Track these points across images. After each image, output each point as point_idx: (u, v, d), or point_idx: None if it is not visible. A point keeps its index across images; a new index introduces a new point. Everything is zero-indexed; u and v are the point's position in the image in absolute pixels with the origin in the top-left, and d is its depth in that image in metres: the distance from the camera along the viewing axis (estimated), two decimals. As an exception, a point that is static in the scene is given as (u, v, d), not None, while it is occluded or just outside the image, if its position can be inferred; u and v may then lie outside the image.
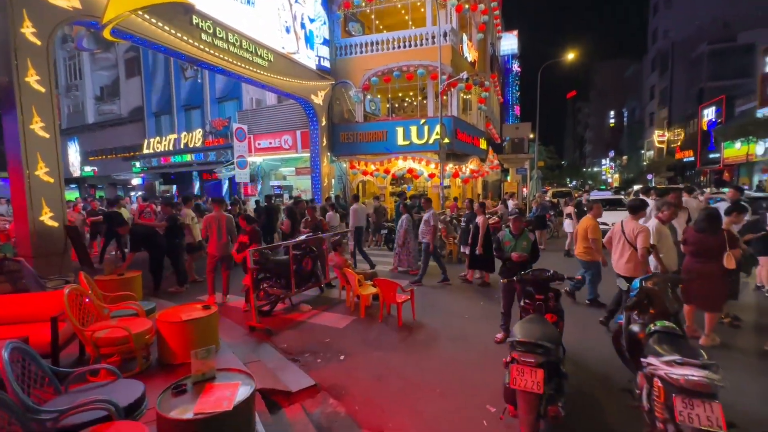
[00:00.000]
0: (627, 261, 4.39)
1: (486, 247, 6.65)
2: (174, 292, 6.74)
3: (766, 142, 20.62)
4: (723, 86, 28.16)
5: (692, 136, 30.78)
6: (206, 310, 3.84)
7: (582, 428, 2.88)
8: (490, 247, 6.59)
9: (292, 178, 18.00)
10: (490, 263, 6.82)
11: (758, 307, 5.43)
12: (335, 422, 3.08)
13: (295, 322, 5.36)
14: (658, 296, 2.96)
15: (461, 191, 17.51)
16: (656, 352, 2.44)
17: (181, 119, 21.34)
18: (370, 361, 4.10)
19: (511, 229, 4.27)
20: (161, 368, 3.58)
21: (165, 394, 2.37)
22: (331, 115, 14.97)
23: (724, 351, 4.05)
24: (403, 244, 7.89)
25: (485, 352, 4.24)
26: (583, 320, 4.98)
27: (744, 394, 3.22)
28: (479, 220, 6.86)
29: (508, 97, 33.41)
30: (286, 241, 6.73)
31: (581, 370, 3.77)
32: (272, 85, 11.64)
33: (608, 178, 55.44)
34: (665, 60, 36.86)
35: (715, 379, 2.10)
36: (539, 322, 2.94)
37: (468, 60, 16.44)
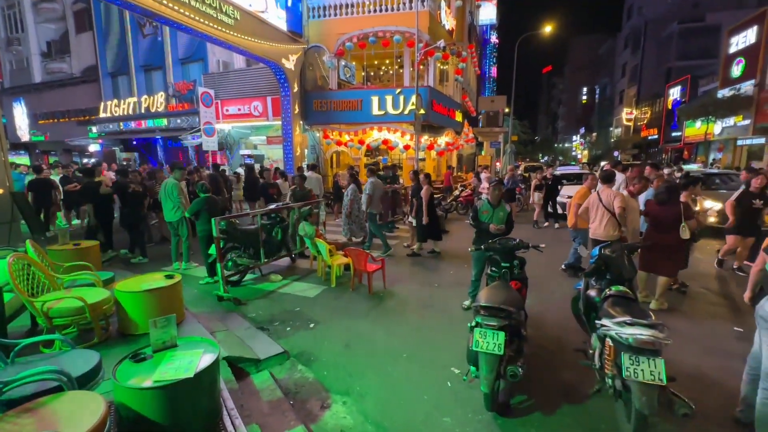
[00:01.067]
0: (605, 226, 4.68)
1: (431, 217, 6.84)
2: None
3: (724, 122, 21.70)
4: (689, 66, 29.07)
5: (658, 114, 31.93)
6: (169, 279, 3.71)
7: (537, 386, 3.06)
8: (435, 217, 6.98)
9: (264, 147, 17.37)
10: (437, 232, 7.11)
11: (709, 276, 5.85)
12: (303, 387, 3.11)
13: (265, 291, 5.31)
14: (614, 263, 3.10)
15: (436, 164, 17.54)
16: (609, 314, 2.58)
17: (141, 81, 19.84)
18: (339, 329, 4.14)
19: (489, 198, 4.31)
20: (122, 339, 3.47)
21: (122, 363, 2.29)
22: (303, 81, 14.35)
23: (670, 314, 4.37)
24: (350, 214, 7.87)
25: (453, 318, 4.37)
26: (549, 287, 5.20)
27: (684, 352, 3.50)
28: (423, 192, 6.88)
29: (485, 69, 33.12)
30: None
31: (541, 333, 3.97)
32: (239, 46, 10.92)
33: (578, 154, 57.08)
34: (638, 38, 37.38)
35: (660, 338, 2.24)
36: (503, 288, 3.02)
37: (446, 28, 16.02)
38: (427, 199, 6.79)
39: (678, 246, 4.40)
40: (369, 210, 7.12)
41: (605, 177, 4.83)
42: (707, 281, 5.55)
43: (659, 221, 4.44)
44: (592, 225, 4.92)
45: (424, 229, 6.94)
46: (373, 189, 7.05)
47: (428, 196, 6.82)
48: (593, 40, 59.34)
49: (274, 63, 12.69)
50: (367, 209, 7.12)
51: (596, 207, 4.81)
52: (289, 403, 2.88)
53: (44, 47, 24.26)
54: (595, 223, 4.86)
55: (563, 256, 6.22)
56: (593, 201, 4.87)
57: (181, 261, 6.26)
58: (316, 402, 2.92)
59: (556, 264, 6.12)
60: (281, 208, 6.36)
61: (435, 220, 7.08)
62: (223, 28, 9.98)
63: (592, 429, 2.61)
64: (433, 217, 6.96)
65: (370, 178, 7.23)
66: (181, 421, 2.17)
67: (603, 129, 47.92)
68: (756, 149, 21.04)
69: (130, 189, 6.63)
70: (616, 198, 4.56)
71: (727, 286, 5.43)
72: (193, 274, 5.93)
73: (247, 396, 2.95)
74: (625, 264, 3.10)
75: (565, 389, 3.04)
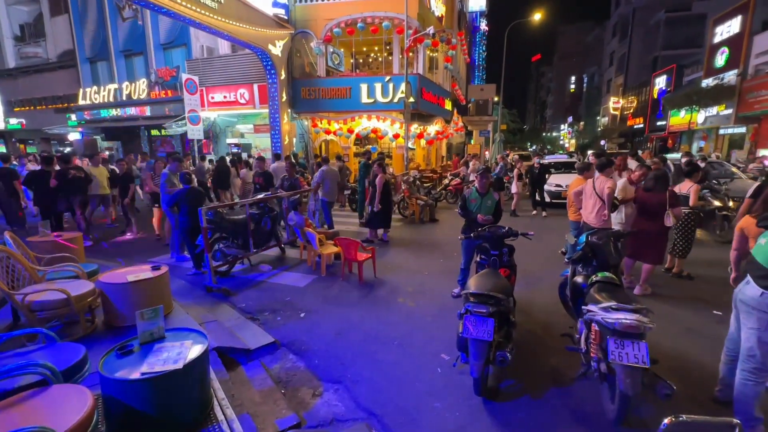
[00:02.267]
0: (597, 214, 4.74)
1: (383, 204, 6.92)
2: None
3: (707, 111, 22.08)
4: (676, 55, 29.33)
5: (644, 103, 32.29)
6: (155, 270, 3.65)
7: (525, 370, 3.12)
8: (387, 204, 7.04)
9: (251, 135, 17.08)
10: (387, 220, 7.19)
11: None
12: (294, 376, 3.12)
13: (255, 282, 5.27)
14: (600, 250, 3.16)
15: (426, 153, 17.50)
16: (595, 300, 2.63)
17: (122, 67, 19.18)
18: (330, 318, 4.14)
19: (477, 187, 4.31)
20: (108, 331, 3.41)
21: (109, 355, 2.26)
22: (290, 68, 14.07)
23: (655, 299, 4.49)
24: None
25: (443, 306, 4.42)
26: (537, 274, 5.29)
27: (666, 335, 3.61)
28: (378, 180, 6.93)
29: (474, 57, 32.90)
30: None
31: (530, 318, 4.04)
32: (224, 30, 10.61)
33: (566, 143, 57.63)
34: (625, 26, 37.49)
35: (644, 322, 2.30)
36: (492, 276, 3.06)
37: (435, 14, 15.82)
38: (380, 187, 6.88)
39: (662, 233, 4.49)
40: (322, 197, 7.34)
41: (600, 166, 4.85)
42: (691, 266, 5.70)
43: (645, 208, 4.53)
44: (584, 213, 5.02)
45: (375, 216, 7.04)
46: (322, 177, 7.23)
47: (382, 184, 6.90)
48: (582, 29, 59.46)
49: (261, 49, 12.39)
50: (316, 196, 7.40)
51: (590, 195, 4.89)
52: (281, 392, 2.89)
53: (17, 30, 23.19)
54: (587, 211, 4.96)
55: (552, 243, 6.31)
56: (588, 189, 4.94)
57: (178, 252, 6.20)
58: (307, 390, 2.94)
59: (545, 251, 6.21)
60: (270, 197, 6.28)
61: (387, 209, 7.15)
62: (206, 11, 9.67)
63: (578, 411, 2.68)
64: (385, 205, 7.03)
65: (323, 167, 7.42)
66: (172, 412, 2.15)
67: (590, 118, 48.35)
68: (737, 138, 21.51)
69: (70, 175, 6.72)
70: (607, 187, 4.61)
71: (716, 271, 5.58)
72: (183, 265, 5.85)
73: (238, 386, 2.94)
74: (611, 251, 3.15)
75: (552, 373, 3.11)
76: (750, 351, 2.31)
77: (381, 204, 6.90)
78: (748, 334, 2.31)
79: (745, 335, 2.35)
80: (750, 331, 2.30)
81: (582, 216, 5.08)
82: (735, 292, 2.46)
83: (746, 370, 2.33)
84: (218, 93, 15.07)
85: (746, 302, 2.32)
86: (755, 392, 2.32)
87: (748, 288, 2.32)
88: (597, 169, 4.89)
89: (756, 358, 2.28)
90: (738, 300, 2.40)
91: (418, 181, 10.35)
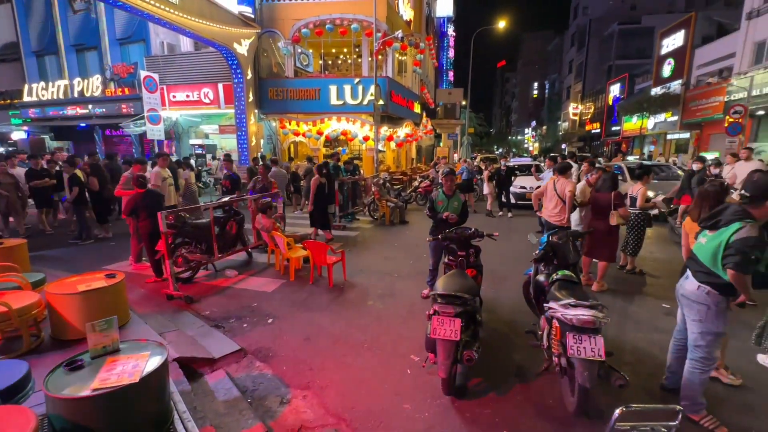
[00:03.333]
0: (558, 212, 5.05)
1: (316, 205, 7.04)
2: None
3: (656, 117, 23.70)
4: (628, 65, 31.31)
5: (600, 109, 34.20)
6: (110, 279, 3.44)
7: (491, 367, 3.20)
8: (320, 206, 7.12)
9: (216, 136, 16.51)
10: (324, 220, 7.27)
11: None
12: (261, 384, 3.04)
13: (220, 288, 5.09)
14: (561, 249, 3.30)
15: (396, 155, 17.64)
16: (556, 297, 2.75)
17: (72, 62, 17.96)
18: (299, 323, 4.07)
19: (444, 189, 4.39)
20: (56, 346, 3.17)
21: (55, 372, 2.10)
22: (257, 67, 13.76)
23: (611, 295, 4.75)
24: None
25: (412, 307, 4.46)
26: (503, 274, 5.45)
27: (620, 329, 3.83)
28: (312, 181, 7.14)
29: (442, 61, 33.56)
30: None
31: (496, 317, 4.15)
32: (185, 27, 10.22)
33: (530, 146, 59.96)
34: (583, 36, 39.61)
35: (600, 317, 2.43)
36: (459, 276, 3.12)
37: (404, 18, 16.01)
38: (314, 188, 7.02)
39: (612, 232, 4.76)
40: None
41: (561, 169, 5.17)
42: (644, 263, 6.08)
43: (597, 208, 4.81)
44: (545, 211, 5.30)
45: (311, 216, 7.16)
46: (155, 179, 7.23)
47: (315, 185, 7.03)
48: (543, 37, 62.16)
49: (225, 47, 12.04)
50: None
51: (551, 195, 5.17)
52: (247, 402, 2.80)
53: (-49, 19, 21.18)
54: (547, 210, 5.23)
55: (517, 244, 6.52)
56: (549, 189, 5.20)
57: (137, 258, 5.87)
58: (275, 398, 2.87)
59: (510, 252, 6.42)
60: (236, 200, 6.09)
61: (322, 210, 7.24)
62: (165, 6, 9.27)
63: (541, 404, 2.79)
64: (319, 206, 7.12)
65: (272, 169, 7.52)
66: (127, 429, 2.03)
67: (552, 122, 50.60)
68: (682, 143, 23.23)
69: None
70: (567, 189, 4.88)
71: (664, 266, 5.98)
72: (142, 272, 5.55)
73: (201, 397, 2.82)
74: (570, 250, 3.31)
75: (517, 369, 3.21)
76: (695, 341, 2.48)
77: (315, 204, 7.01)
78: (693, 326, 2.49)
79: (690, 327, 2.53)
80: (694, 323, 2.48)
81: (543, 214, 5.34)
82: (677, 287, 2.64)
83: (694, 359, 2.50)
84: (180, 92, 14.48)
85: (687, 296, 2.50)
86: (701, 380, 2.50)
87: (688, 283, 2.50)
88: (558, 172, 5.14)
89: (702, 348, 2.46)
90: (680, 294, 2.58)
91: (388, 184, 10.41)
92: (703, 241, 2.46)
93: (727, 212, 2.34)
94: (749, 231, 2.20)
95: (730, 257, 2.22)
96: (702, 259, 2.41)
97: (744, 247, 2.18)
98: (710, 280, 2.36)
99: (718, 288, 2.34)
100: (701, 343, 2.45)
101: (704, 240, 2.46)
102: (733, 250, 2.21)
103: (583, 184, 5.30)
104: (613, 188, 4.69)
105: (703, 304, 2.39)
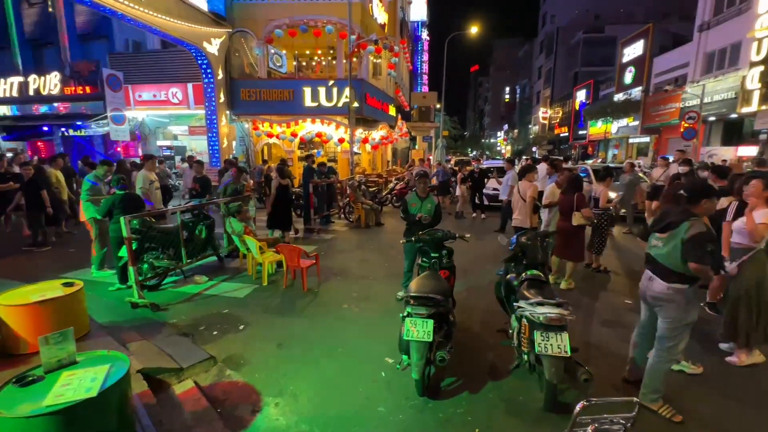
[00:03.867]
0: (518, 214, 5.25)
1: (275, 207, 7.06)
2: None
3: (619, 122, 24.91)
4: (593, 72, 32.79)
5: (568, 114, 35.62)
6: (67, 287, 3.25)
7: (464, 367, 3.25)
8: (280, 207, 7.10)
9: (185, 138, 16.00)
10: (286, 223, 7.28)
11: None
12: (232, 393, 2.95)
13: (189, 294, 4.91)
14: (529, 249, 3.40)
15: (371, 157, 17.67)
16: (525, 296, 2.83)
17: (27, 58, 16.91)
18: (272, 329, 3.99)
19: (417, 191, 4.43)
20: (6, 361, 2.96)
21: (4, 389, 1.96)
22: (229, 68, 13.44)
23: (578, 292, 4.93)
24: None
25: (387, 310, 4.45)
26: (476, 274, 5.55)
27: (586, 325, 3.98)
28: (273, 183, 7.24)
29: (416, 65, 33.97)
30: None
31: (468, 317, 4.22)
32: (152, 24, 9.85)
33: (503, 149, 61.59)
34: (551, 44, 41.19)
35: (565, 315, 2.51)
36: (432, 278, 3.16)
37: (378, 22, 16.09)
38: (273, 190, 7.09)
39: (577, 232, 4.94)
40: None
41: (521, 171, 5.37)
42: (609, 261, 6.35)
43: (562, 210, 4.99)
44: (514, 213, 5.46)
45: (271, 218, 7.16)
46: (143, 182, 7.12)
47: (275, 187, 7.10)
48: (514, 43, 64.06)
49: (195, 46, 11.70)
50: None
51: (517, 199, 5.35)
52: (216, 412, 2.71)
53: None
54: (515, 212, 5.41)
55: (489, 245, 6.66)
56: (515, 193, 5.35)
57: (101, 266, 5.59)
58: (246, 407, 2.79)
59: (482, 253, 6.55)
60: (205, 204, 5.92)
61: (281, 211, 7.20)
62: (130, 2, 8.90)
63: (512, 401, 2.85)
64: (278, 207, 7.10)
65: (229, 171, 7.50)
66: (85, 447, 1.92)
67: (523, 126, 52.22)
68: (643, 146, 24.51)
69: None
70: (528, 191, 5.09)
71: (627, 264, 6.26)
72: (105, 280, 5.28)
73: (167, 410, 2.71)
74: (538, 250, 3.41)
75: (489, 368, 3.28)
76: (665, 333, 2.58)
77: (274, 206, 7.00)
78: (664, 323, 2.58)
79: (661, 323, 2.61)
80: (666, 320, 2.57)
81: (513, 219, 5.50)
82: (642, 289, 2.73)
83: (662, 350, 2.61)
84: (147, 91, 13.94)
85: (657, 297, 2.57)
86: (665, 369, 2.63)
87: (655, 284, 2.58)
88: (519, 175, 5.34)
89: (671, 339, 2.56)
90: (648, 296, 2.66)
91: (364, 186, 10.40)
92: (660, 245, 2.58)
93: (673, 215, 2.50)
94: (697, 227, 2.36)
95: (690, 253, 2.37)
96: (664, 262, 2.52)
97: (699, 241, 2.34)
98: (678, 278, 2.47)
99: (687, 281, 2.46)
100: (671, 335, 2.55)
101: (660, 243, 2.58)
102: (690, 246, 2.36)
103: (552, 185, 5.49)
104: (576, 190, 4.87)
105: (674, 301, 2.50)
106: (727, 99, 16.17)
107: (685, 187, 2.63)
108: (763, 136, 15.28)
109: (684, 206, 2.51)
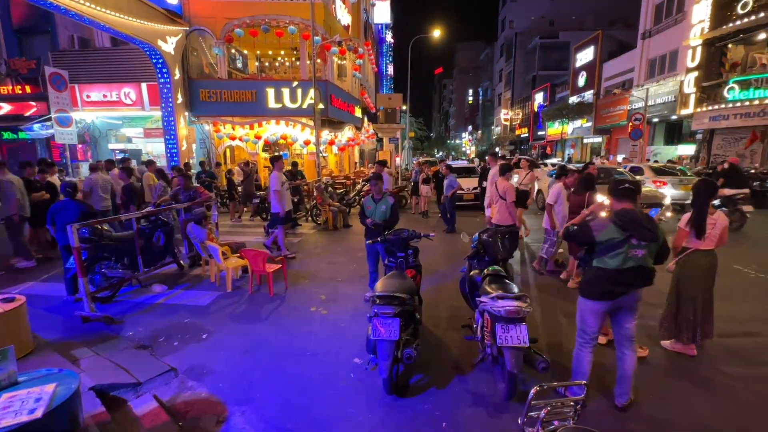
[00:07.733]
0: (498, 212, 5.34)
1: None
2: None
3: (574, 123, 26.31)
4: (550, 75, 34.45)
5: (527, 115, 37.16)
6: (6, 303, 3.01)
7: (431, 363, 3.33)
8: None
9: (140, 140, 15.18)
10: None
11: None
12: (195, 405, 2.85)
13: (147, 305, 4.68)
14: (490, 246, 3.53)
15: (338, 159, 17.57)
16: (486, 291, 2.93)
17: (-45, 53, 15.41)
18: (237, 336, 3.88)
19: (372, 194, 4.47)
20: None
21: (-68, 417, 1.79)
22: (186, 67, 12.90)
23: (534, 287, 5.17)
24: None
25: (356, 311, 4.47)
26: (442, 272, 5.67)
27: (545, 317, 4.18)
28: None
29: (382, 67, 34.18)
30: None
31: (435, 314, 4.31)
32: (99, 20, 9.27)
33: (467, 150, 63.23)
34: (510, 48, 42.81)
35: (523, 307, 2.64)
36: (397, 277, 3.20)
37: (342, 23, 16.05)
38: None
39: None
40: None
41: (501, 169, 5.49)
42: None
43: (573, 209, 4.95)
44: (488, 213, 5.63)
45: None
46: (90, 186, 7.05)
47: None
48: (476, 47, 66.03)
49: (149, 45, 11.13)
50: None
51: (494, 196, 5.49)
52: (178, 425, 2.61)
53: None
54: (494, 211, 5.55)
55: (454, 244, 6.82)
56: (493, 192, 5.51)
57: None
58: (210, 419, 2.70)
59: (448, 251, 6.70)
60: (162, 209, 5.66)
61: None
62: (73, -4, 8.33)
63: (476, 393, 2.95)
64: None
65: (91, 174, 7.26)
66: (29, 472, 1.79)
67: (486, 127, 53.89)
68: (597, 146, 26.03)
69: None
70: (507, 191, 5.23)
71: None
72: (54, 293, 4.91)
73: (124, 427, 2.58)
74: (498, 247, 3.55)
75: (455, 363, 3.37)
76: (633, 332, 2.68)
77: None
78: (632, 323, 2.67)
79: (629, 326, 2.68)
80: (634, 320, 2.67)
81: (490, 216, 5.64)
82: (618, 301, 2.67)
83: (632, 350, 2.70)
84: (96, 91, 13.10)
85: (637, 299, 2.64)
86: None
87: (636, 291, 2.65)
88: (500, 173, 5.49)
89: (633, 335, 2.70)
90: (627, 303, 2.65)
91: (331, 188, 10.33)
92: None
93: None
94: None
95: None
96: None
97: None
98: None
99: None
100: (634, 332, 2.67)
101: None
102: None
103: (559, 185, 5.38)
104: (587, 189, 4.81)
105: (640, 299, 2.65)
106: (668, 102, 17.53)
107: None
108: (699, 136, 16.71)
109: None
